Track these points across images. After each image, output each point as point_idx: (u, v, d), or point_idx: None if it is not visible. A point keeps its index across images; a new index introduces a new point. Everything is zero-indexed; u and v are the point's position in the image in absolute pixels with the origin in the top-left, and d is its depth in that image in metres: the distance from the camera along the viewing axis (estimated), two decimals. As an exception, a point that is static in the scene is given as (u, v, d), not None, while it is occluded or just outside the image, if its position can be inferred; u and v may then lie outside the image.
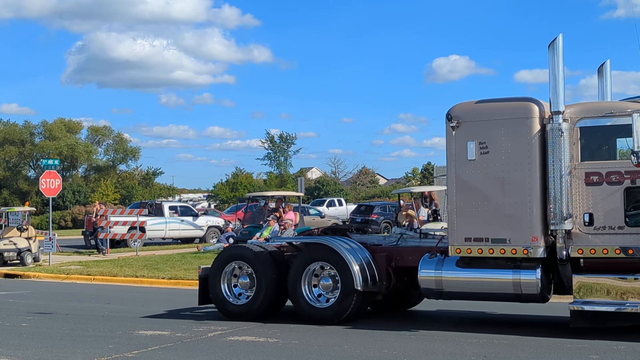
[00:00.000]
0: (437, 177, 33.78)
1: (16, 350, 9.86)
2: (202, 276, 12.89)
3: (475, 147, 10.81)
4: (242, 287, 12.45)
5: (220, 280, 12.52)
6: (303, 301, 11.87)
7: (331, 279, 11.79)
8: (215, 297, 12.59)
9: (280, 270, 12.15)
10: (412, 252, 11.80)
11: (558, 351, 9.37)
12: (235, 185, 75.60)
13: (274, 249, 12.66)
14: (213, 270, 12.68)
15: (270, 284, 12.07)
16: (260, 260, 12.20)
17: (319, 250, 12.01)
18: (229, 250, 13.21)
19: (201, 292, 12.89)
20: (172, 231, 32.96)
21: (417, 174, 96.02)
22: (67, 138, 72.59)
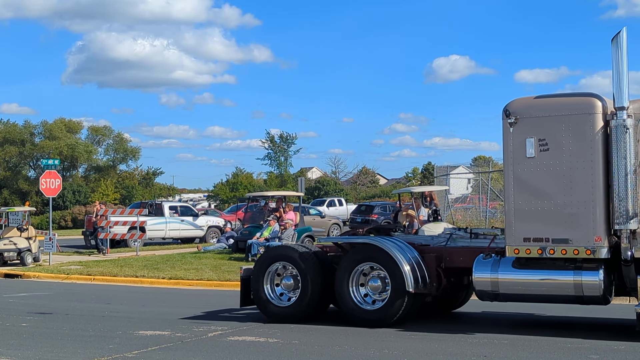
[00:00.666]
0: (437, 177, 33.70)
1: (16, 350, 9.86)
2: (243, 277, 12.55)
3: (534, 144, 10.55)
4: (285, 288, 12.13)
5: (264, 281, 12.18)
6: (351, 303, 11.51)
7: (380, 280, 11.45)
8: (258, 299, 12.26)
9: (325, 271, 11.85)
10: (463, 253, 11.55)
11: (558, 351, 9.37)
12: (236, 185, 75.60)
13: (318, 249, 12.43)
14: (256, 271, 12.34)
15: (316, 286, 11.74)
16: (306, 261, 11.86)
17: (368, 250, 11.64)
18: (273, 251, 12.83)
19: (243, 294, 12.55)
20: (172, 231, 32.96)
21: (418, 174, 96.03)
22: (67, 138, 72.60)
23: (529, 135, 10.63)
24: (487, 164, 31.02)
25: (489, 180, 27.83)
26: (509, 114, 10.84)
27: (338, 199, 52.10)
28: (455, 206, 31.87)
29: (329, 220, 38.56)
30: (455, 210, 30.97)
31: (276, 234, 23.83)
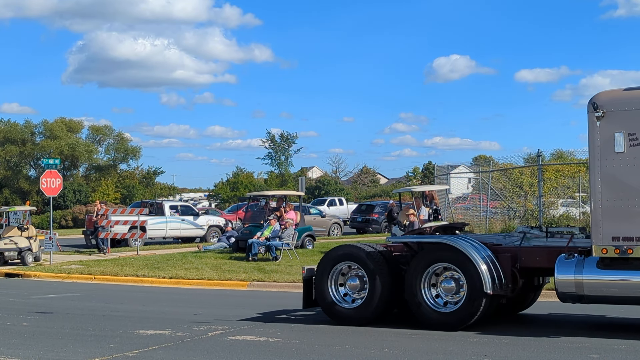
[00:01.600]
0: (437, 176, 33.70)
1: (17, 350, 9.86)
2: (306, 278, 12.15)
3: (624, 138, 10.02)
4: (350, 289, 11.69)
5: (328, 282, 11.77)
6: (424, 305, 11.03)
7: (454, 281, 10.97)
8: (323, 300, 11.85)
9: (392, 271, 11.41)
10: (540, 253, 11.06)
11: (559, 350, 9.37)
12: (236, 184, 75.61)
13: (383, 249, 11.92)
14: (320, 271, 11.93)
15: (385, 287, 11.29)
16: (375, 261, 11.41)
17: (442, 250, 11.15)
18: (339, 250, 12.14)
19: (306, 295, 12.13)
20: (172, 230, 32.96)
21: (418, 174, 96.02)
22: (67, 137, 72.59)
23: (618, 129, 10.06)
24: (487, 164, 31.02)
25: (490, 179, 27.82)
26: (597, 107, 10.17)
27: (339, 199, 52.11)
28: (456, 205, 31.87)
29: (330, 220, 38.56)
30: (455, 209, 30.96)
31: (277, 234, 23.83)
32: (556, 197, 25.69)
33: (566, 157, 34.90)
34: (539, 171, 23.99)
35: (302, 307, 12.25)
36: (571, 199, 29.18)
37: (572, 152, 32.18)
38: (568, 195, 26.08)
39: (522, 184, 27.16)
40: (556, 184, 25.35)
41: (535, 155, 24.57)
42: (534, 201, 25.14)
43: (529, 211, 25.27)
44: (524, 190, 27.23)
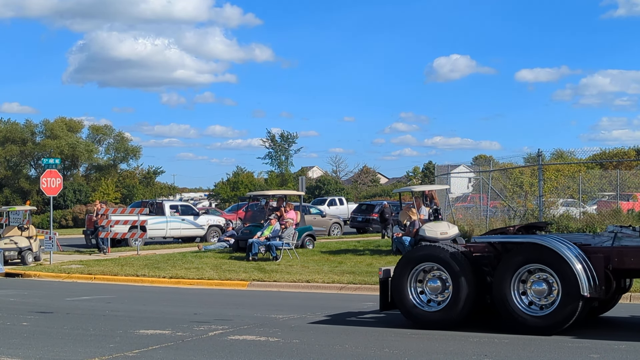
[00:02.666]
0: (438, 176, 33.69)
1: (17, 350, 9.86)
2: (383, 279, 11.73)
3: None
4: (431, 291, 11.21)
5: (408, 284, 11.31)
6: (515, 308, 10.55)
7: (545, 283, 10.44)
8: (402, 303, 11.39)
9: (476, 273, 10.99)
10: (635, 253, 10.48)
11: (559, 350, 9.36)
12: (236, 184, 75.64)
13: (465, 249, 11.45)
14: (398, 272, 11.46)
15: (471, 289, 10.84)
16: (459, 262, 10.95)
17: (533, 250, 10.62)
18: (419, 251, 11.77)
19: (383, 297, 11.76)
20: (173, 230, 32.96)
21: (418, 173, 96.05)
22: (68, 137, 72.61)
23: None
24: (487, 163, 31.00)
25: (490, 179, 27.81)
26: None
27: (339, 198, 52.11)
28: (456, 205, 31.85)
29: (330, 220, 38.56)
30: (455, 209, 30.96)
31: (277, 233, 23.84)
32: (556, 197, 25.68)
33: (566, 157, 34.88)
34: (539, 171, 23.96)
35: (380, 309, 11.91)
36: (571, 198, 29.19)
37: (572, 151, 32.26)
38: (568, 195, 26.08)
39: (522, 184, 27.17)
40: (556, 184, 25.36)
41: (536, 154, 24.54)
42: (534, 201, 25.12)
43: (529, 211, 25.26)
44: (524, 189, 27.22)
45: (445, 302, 11.08)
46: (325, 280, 17.76)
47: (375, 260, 21.64)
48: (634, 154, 55.08)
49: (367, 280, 17.30)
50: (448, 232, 23.03)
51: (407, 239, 22.97)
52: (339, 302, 14.98)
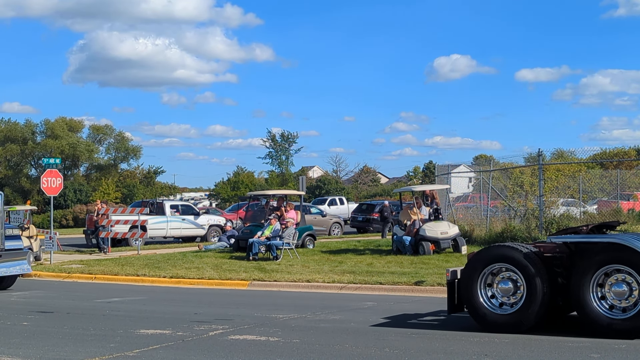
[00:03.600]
0: (438, 175, 33.70)
1: (17, 349, 9.87)
2: (450, 281, 11.37)
3: None
4: (502, 293, 10.78)
5: (478, 286, 10.89)
6: (596, 311, 10.13)
7: (625, 284, 10.02)
8: (471, 305, 10.97)
9: (550, 274, 10.57)
10: None
11: (559, 350, 9.36)
12: (237, 184, 75.67)
13: (536, 249, 10.95)
14: (467, 274, 11.06)
15: (545, 291, 10.42)
16: (534, 263, 10.52)
17: (613, 250, 10.18)
18: (491, 251, 11.17)
19: (451, 299, 11.37)
20: (173, 230, 32.98)
21: (419, 173, 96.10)
22: (68, 137, 72.64)
23: None
24: (488, 163, 31.02)
25: (490, 179, 27.81)
26: None
27: (339, 198, 52.11)
28: (457, 205, 31.87)
29: (330, 219, 38.57)
30: (456, 209, 30.96)
31: (277, 233, 23.84)
32: (557, 197, 25.69)
33: (567, 157, 34.88)
34: (540, 170, 23.97)
35: (448, 312, 11.53)
36: (572, 198, 29.18)
37: (572, 151, 32.23)
38: (568, 194, 26.08)
39: (522, 184, 27.18)
40: (557, 184, 25.36)
41: (536, 154, 24.55)
42: (535, 200, 25.13)
43: (529, 210, 25.26)
44: (524, 189, 27.23)
45: (517, 304, 10.64)
46: (325, 280, 17.77)
47: (376, 260, 21.64)
48: (634, 153, 55.10)
49: (368, 279, 17.31)
50: (448, 231, 23.05)
51: (407, 238, 22.98)
52: (339, 301, 14.99)
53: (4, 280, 17.92)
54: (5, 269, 17.44)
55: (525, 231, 23.85)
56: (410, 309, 13.60)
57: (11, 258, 17.52)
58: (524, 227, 24.24)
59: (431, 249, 22.48)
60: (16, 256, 17.67)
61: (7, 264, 17.41)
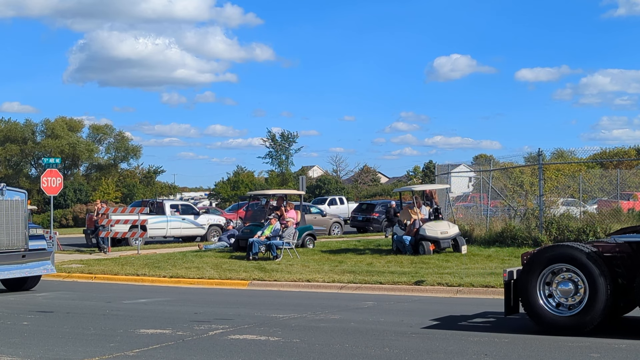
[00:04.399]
0: (438, 175, 33.69)
1: (17, 349, 9.87)
2: (508, 281, 11.05)
3: None
4: (562, 294, 10.50)
5: (537, 287, 10.58)
6: None
7: None
8: (530, 307, 10.66)
9: (612, 274, 10.33)
10: None
11: (560, 349, 9.36)
12: (237, 183, 75.69)
13: (594, 249, 10.66)
14: (526, 274, 10.73)
15: (608, 292, 10.16)
16: (597, 263, 10.24)
17: None
18: (552, 251, 10.81)
19: (508, 301, 11.06)
20: (173, 230, 32.99)
21: (419, 172, 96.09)
22: (68, 136, 72.68)
23: None
24: (488, 163, 31.01)
25: (490, 178, 27.81)
26: None
27: (339, 198, 52.13)
28: (457, 204, 31.87)
29: (330, 219, 38.58)
30: (456, 208, 30.96)
31: (277, 233, 23.84)
32: (557, 196, 25.70)
33: (567, 157, 34.88)
34: (540, 170, 23.98)
35: (505, 314, 11.20)
36: (572, 198, 29.17)
37: (572, 151, 32.21)
38: (568, 194, 26.08)
39: (522, 183, 27.18)
40: (557, 183, 25.37)
41: (536, 154, 24.56)
42: (535, 200, 25.14)
43: (529, 210, 25.27)
44: (524, 189, 27.23)
45: (578, 306, 10.37)
46: (325, 280, 17.77)
47: (376, 259, 21.64)
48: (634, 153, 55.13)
49: (368, 279, 17.31)
50: (448, 231, 23.05)
51: (407, 238, 22.98)
52: (339, 301, 14.98)
53: (27, 281, 17.67)
54: (29, 270, 17.16)
55: (525, 231, 23.86)
56: (411, 309, 13.61)
57: (35, 258, 17.25)
58: (524, 227, 24.25)
59: (431, 248, 22.48)
60: (40, 256, 17.39)
61: (31, 265, 17.15)
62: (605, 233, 22.72)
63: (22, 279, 17.53)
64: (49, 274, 18.30)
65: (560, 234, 23.23)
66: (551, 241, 23.06)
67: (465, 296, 15.37)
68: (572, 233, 23.06)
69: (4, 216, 16.63)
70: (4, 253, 16.62)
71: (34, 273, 17.48)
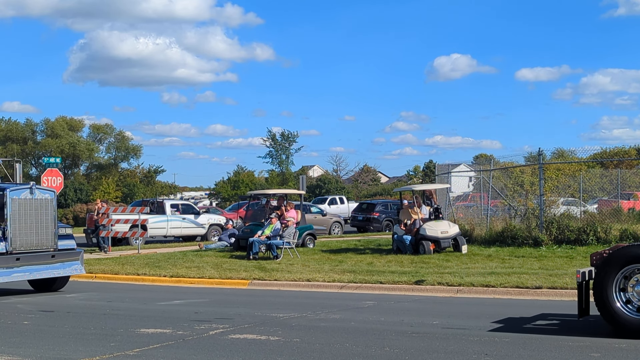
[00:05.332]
0: (438, 175, 33.69)
1: (17, 349, 9.87)
2: (580, 282, 10.60)
3: None
4: (638, 295, 10.11)
5: (614, 288, 10.16)
6: None
7: None
8: (606, 309, 10.21)
9: None
10: None
11: (560, 349, 9.36)
12: (237, 183, 75.71)
13: None
14: (601, 275, 10.28)
15: None
16: None
17: None
18: (628, 251, 10.27)
19: (581, 302, 10.66)
20: (173, 229, 33.00)
21: (419, 172, 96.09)
22: (69, 136, 72.73)
23: None
24: (488, 162, 31.00)
25: (490, 178, 27.81)
26: None
27: (339, 197, 52.13)
28: (457, 204, 31.87)
29: (330, 219, 38.58)
30: (456, 208, 30.96)
31: (277, 232, 23.85)
32: (557, 196, 25.71)
33: (567, 156, 34.86)
34: (540, 170, 23.98)
35: (578, 316, 10.81)
36: (572, 197, 29.18)
37: (573, 150, 32.16)
38: (569, 193, 26.09)
39: (523, 183, 27.20)
40: (557, 183, 25.38)
41: (536, 154, 24.56)
42: (535, 200, 25.14)
43: (529, 210, 25.27)
44: (524, 188, 27.25)
45: None
46: (325, 279, 17.77)
47: (376, 259, 21.65)
48: (634, 153, 55.13)
49: (368, 279, 17.31)
50: (449, 231, 23.05)
51: (407, 237, 22.99)
52: (339, 300, 14.99)
53: (56, 281, 17.34)
54: (59, 270, 16.83)
55: (526, 230, 23.86)
56: (411, 308, 13.62)
57: (65, 258, 16.91)
58: (524, 227, 24.25)
59: (431, 248, 22.48)
60: (69, 256, 17.06)
61: (60, 265, 16.82)
62: (605, 233, 22.76)
63: (51, 280, 17.21)
64: (78, 274, 17.99)
65: (561, 233, 23.23)
66: (551, 241, 23.08)
67: (465, 296, 15.37)
68: (573, 233, 23.06)
69: (33, 215, 16.31)
70: (34, 253, 16.30)
71: (63, 273, 17.14)
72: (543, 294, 14.88)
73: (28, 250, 16.21)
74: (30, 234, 16.27)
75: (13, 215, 15.92)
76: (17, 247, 15.95)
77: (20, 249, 16.02)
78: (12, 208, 15.89)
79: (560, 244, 22.92)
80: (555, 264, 18.91)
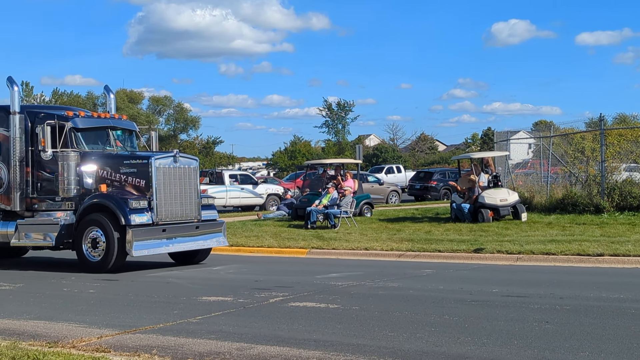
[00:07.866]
0: (497, 142, 33.28)
1: (84, 316, 10.14)
2: None
3: None
4: None
5: None
6: None
7: None
8: None
9: None
10: None
11: (622, 316, 9.23)
12: (294, 153, 75.96)
13: None
14: None
15: None
16: None
17: None
18: None
19: None
20: (232, 199, 33.35)
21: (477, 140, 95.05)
22: (129, 108, 73.74)
23: None
24: (548, 129, 30.49)
25: (550, 145, 27.36)
26: None
27: (396, 166, 51.97)
28: (516, 172, 31.48)
29: (388, 188, 38.51)
30: (515, 175, 30.60)
31: (335, 201, 23.91)
32: (619, 162, 25.16)
33: (629, 121, 34.09)
34: (601, 136, 23.51)
35: None
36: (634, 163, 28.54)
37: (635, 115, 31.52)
38: (631, 159, 25.50)
39: (583, 149, 26.65)
40: (619, 149, 24.80)
41: (597, 119, 24.08)
42: (596, 166, 24.66)
43: (590, 177, 24.82)
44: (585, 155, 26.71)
45: None
46: (383, 248, 17.78)
47: (434, 227, 21.57)
48: (700, 116, 53.53)
49: (426, 247, 17.27)
50: (508, 199, 22.82)
51: (466, 206, 22.83)
52: (397, 269, 15.01)
53: (198, 254, 16.62)
54: (202, 242, 16.24)
55: (587, 197, 23.48)
56: (470, 276, 13.58)
57: (208, 230, 16.35)
58: (586, 194, 23.85)
59: (490, 216, 22.29)
60: (212, 227, 16.54)
61: (204, 237, 16.24)
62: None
63: (193, 252, 16.46)
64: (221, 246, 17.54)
65: (623, 200, 22.80)
66: (613, 208, 22.66)
67: (525, 264, 15.25)
68: (635, 199, 22.61)
69: (177, 185, 15.64)
70: (178, 224, 15.63)
71: (207, 245, 16.57)
72: (605, 261, 14.68)
73: (173, 220, 15.61)
74: (175, 204, 15.57)
75: (158, 184, 15.21)
76: (162, 218, 15.30)
77: (165, 220, 15.38)
78: (157, 177, 15.22)
79: (623, 211, 22.50)
80: (617, 231, 18.60)
